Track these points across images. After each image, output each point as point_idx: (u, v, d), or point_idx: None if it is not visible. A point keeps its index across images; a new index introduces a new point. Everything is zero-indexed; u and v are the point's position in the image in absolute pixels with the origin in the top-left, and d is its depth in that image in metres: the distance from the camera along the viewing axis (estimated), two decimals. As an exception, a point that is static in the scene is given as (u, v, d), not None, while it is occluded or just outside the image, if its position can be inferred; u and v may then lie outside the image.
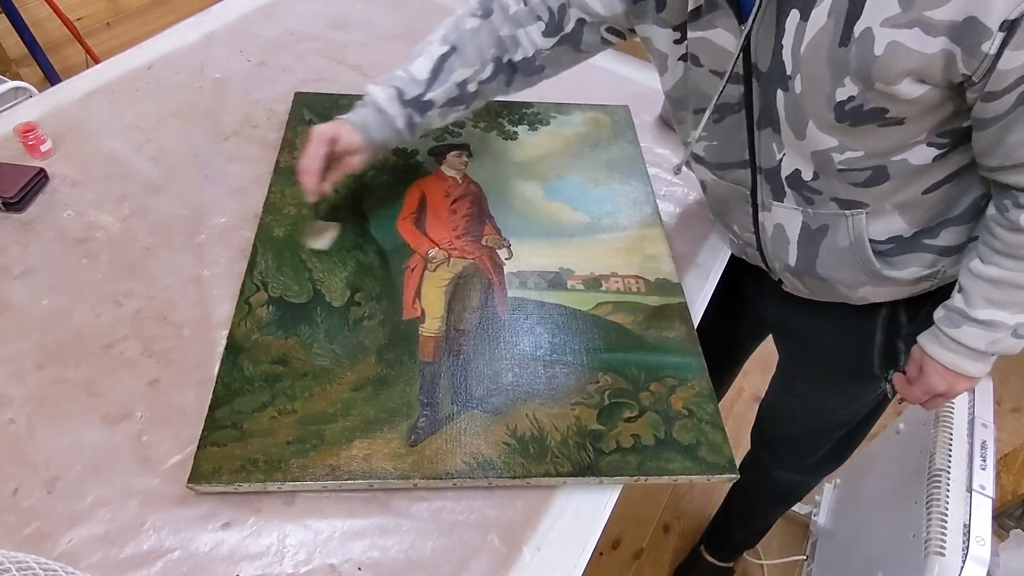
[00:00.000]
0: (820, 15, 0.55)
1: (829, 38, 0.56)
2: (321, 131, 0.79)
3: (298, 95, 1.11)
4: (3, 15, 1.84)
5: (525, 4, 0.80)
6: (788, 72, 0.60)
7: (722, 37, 0.64)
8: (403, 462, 0.68)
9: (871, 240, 0.71)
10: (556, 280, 0.88)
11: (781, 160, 0.68)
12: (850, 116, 0.59)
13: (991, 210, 0.65)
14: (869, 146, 0.62)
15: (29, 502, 0.64)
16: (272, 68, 1.20)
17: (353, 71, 1.23)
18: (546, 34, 0.80)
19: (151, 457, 0.68)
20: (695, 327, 0.85)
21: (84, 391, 0.73)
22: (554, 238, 0.94)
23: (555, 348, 0.80)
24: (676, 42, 0.70)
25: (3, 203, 0.88)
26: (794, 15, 0.57)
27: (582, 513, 0.69)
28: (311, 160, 0.79)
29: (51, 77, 1.99)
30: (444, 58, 0.80)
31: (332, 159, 0.81)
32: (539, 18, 0.80)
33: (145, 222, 0.91)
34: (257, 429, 0.69)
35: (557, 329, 0.82)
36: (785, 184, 0.70)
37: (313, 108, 1.09)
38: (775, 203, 0.73)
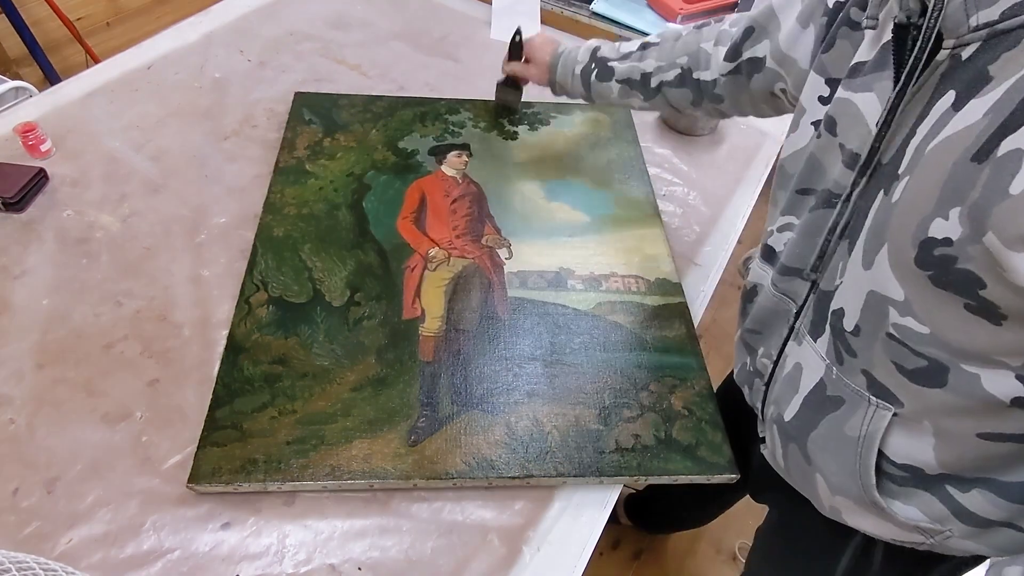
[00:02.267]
0: (976, 109, 0.40)
1: (967, 144, 0.40)
2: (534, 42, 0.99)
3: (298, 95, 1.12)
4: (3, 15, 1.84)
5: (734, 27, 0.75)
6: (900, 170, 0.46)
7: (870, 105, 0.50)
8: (403, 462, 0.68)
9: (883, 454, 0.54)
10: (556, 280, 0.88)
11: (838, 287, 0.54)
12: (935, 265, 0.42)
13: None
14: (940, 327, 0.45)
15: (29, 502, 0.64)
16: (272, 68, 1.20)
17: (353, 71, 1.23)
18: (727, 57, 0.75)
19: (151, 457, 0.68)
20: (695, 327, 0.85)
21: (84, 391, 0.73)
22: (554, 238, 0.94)
23: (555, 348, 0.80)
24: (821, 100, 0.58)
25: (3, 203, 0.88)
26: (948, 98, 0.43)
27: (582, 513, 0.69)
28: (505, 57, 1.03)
29: (51, 77, 1.99)
30: (646, 45, 0.85)
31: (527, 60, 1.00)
32: (732, 39, 0.74)
33: (145, 222, 0.91)
34: (257, 429, 0.69)
35: (557, 329, 0.82)
36: (828, 320, 0.55)
37: (313, 108, 1.09)
38: (808, 338, 0.58)
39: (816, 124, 0.57)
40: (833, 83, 0.56)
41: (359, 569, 0.63)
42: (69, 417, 0.71)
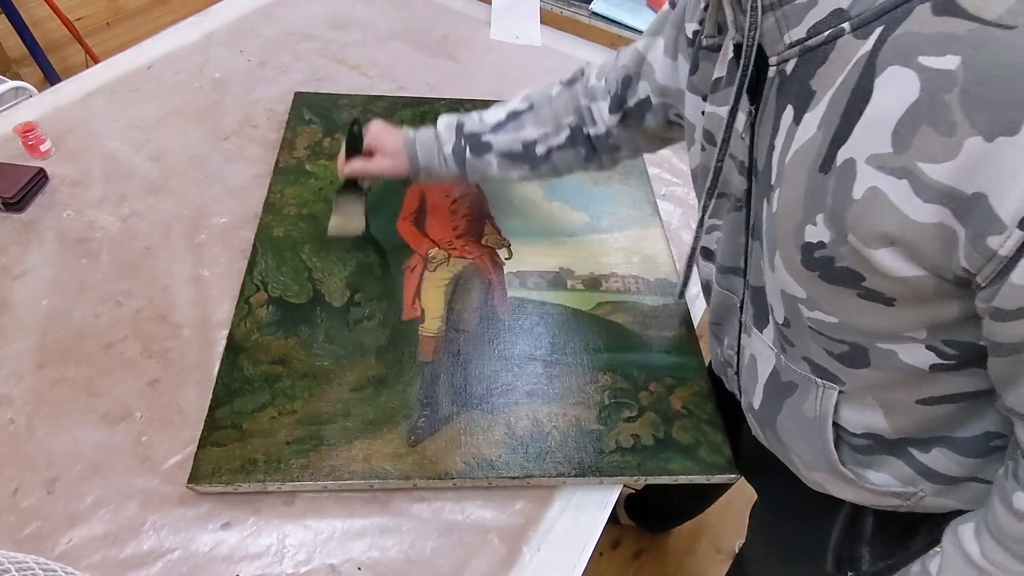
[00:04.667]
0: (811, 123, 0.43)
1: (813, 156, 0.43)
2: (373, 130, 0.84)
3: (298, 95, 1.11)
4: (3, 15, 1.84)
5: (603, 80, 0.76)
6: (772, 180, 0.48)
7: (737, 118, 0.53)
8: (403, 462, 0.68)
9: (842, 427, 0.56)
10: (556, 280, 0.88)
11: (764, 285, 0.56)
12: (819, 266, 0.45)
13: (1000, 468, 0.49)
14: (845, 316, 0.48)
15: (29, 502, 0.64)
16: (272, 68, 1.20)
17: (353, 71, 1.23)
18: (611, 110, 0.75)
19: (151, 457, 0.68)
20: (695, 327, 0.85)
21: (84, 391, 0.73)
22: (554, 238, 0.94)
23: (555, 348, 0.80)
24: (703, 114, 0.60)
25: (3, 203, 0.88)
26: (788, 113, 0.45)
27: (582, 513, 0.69)
28: (341, 156, 0.85)
29: (51, 77, 1.99)
30: (517, 113, 0.80)
31: (369, 154, 0.84)
32: (608, 92, 0.75)
33: (145, 222, 0.91)
34: (257, 429, 0.69)
35: (557, 329, 0.82)
36: (769, 314, 0.57)
37: (313, 108, 1.09)
38: (755, 330, 0.60)
39: (703, 135, 0.61)
40: (706, 99, 0.59)
41: (359, 569, 0.63)
42: (69, 417, 0.71)
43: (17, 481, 0.66)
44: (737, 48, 0.51)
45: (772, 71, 0.46)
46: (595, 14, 1.41)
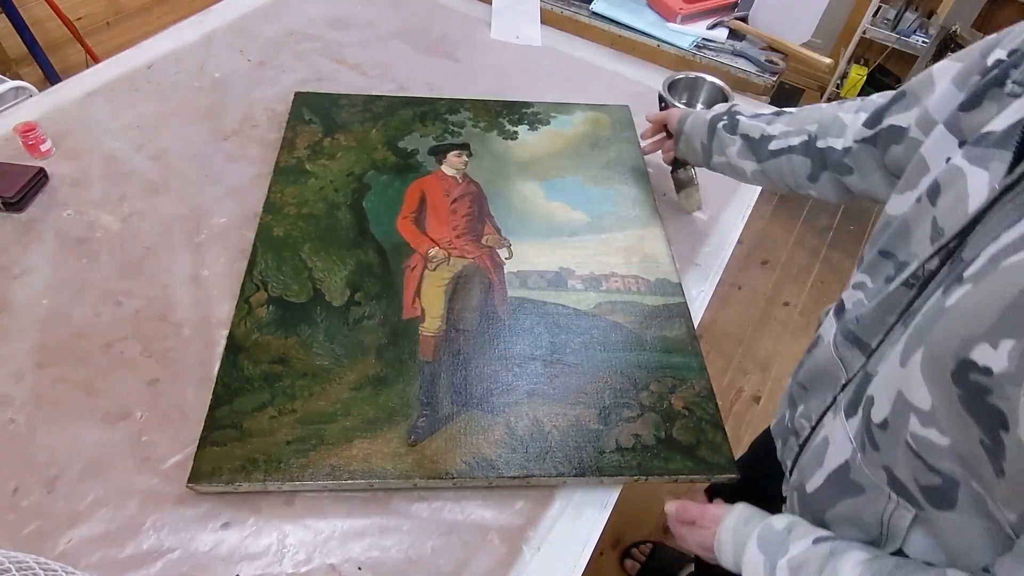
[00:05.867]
0: None
1: None
2: (654, 116, 0.99)
3: (298, 95, 1.12)
4: (3, 15, 1.84)
5: (883, 98, 0.68)
6: (967, 273, 0.41)
7: (979, 183, 0.45)
8: (403, 462, 0.68)
9: (903, 553, 0.49)
10: (556, 280, 0.88)
11: (877, 374, 0.50)
12: (968, 389, 0.38)
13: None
14: (963, 447, 0.40)
15: (29, 502, 0.64)
16: (272, 68, 1.20)
17: (353, 71, 1.22)
18: (867, 123, 0.68)
19: (151, 457, 0.68)
20: (695, 327, 0.85)
21: (84, 391, 0.73)
22: (554, 237, 0.94)
23: (555, 348, 0.80)
24: (947, 161, 0.51)
25: (3, 203, 0.88)
26: None
27: (582, 513, 0.69)
28: (646, 145, 1.04)
29: (51, 77, 1.99)
30: (782, 112, 0.81)
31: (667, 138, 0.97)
32: (874, 104, 0.69)
33: (145, 222, 0.91)
34: (257, 429, 0.69)
35: (557, 329, 0.82)
36: (862, 404, 0.51)
37: (313, 108, 1.09)
38: (842, 414, 0.54)
39: (928, 186, 0.51)
40: (964, 144, 0.50)
41: (359, 569, 0.63)
42: (69, 417, 0.71)
43: (17, 480, 0.66)
44: None
45: None
46: (595, 14, 1.41)
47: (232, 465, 0.66)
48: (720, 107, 0.88)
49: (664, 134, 0.99)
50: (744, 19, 1.41)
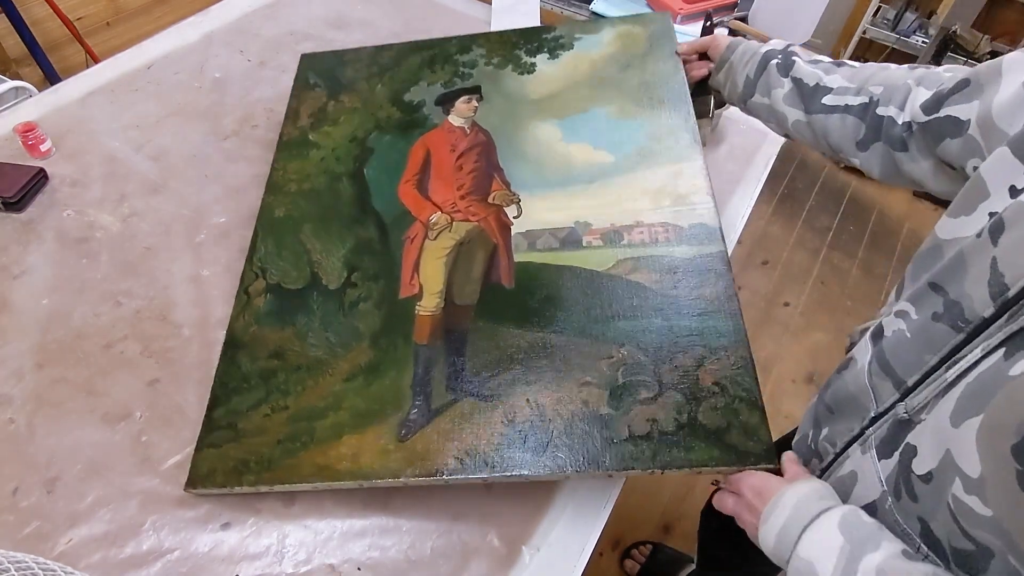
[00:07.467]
0: None
1: None
2: (694, 43, 0.89)
3: (304, 57, 1.08)
4: (3, 15, 1.84)
5: (949, 72, 0.62)
6: None
7: None
8: (392, 459, 0.65)
9: None
10: (570, 237, 0.79)
11: (921, 423, 0.47)
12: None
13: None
14: (1009, 522, 0.38)
15: (29, 502, 0.64)
16: (272, 68, 1.20)
17: (353, 71, 1.22)
18: (925, 106, 0.60)
19: (151, 457, 0.68)
20: (733, 283, 0.72)
21: (84, 391, 0.73)
22: (571, 187, 0.83)
23: (563, 320, 0.72)
24: (1012, 191, 0.46)
25: (3, 203, 0.88)
26: None
27: (582, 513, 0.69)
28: (685, 53, 0.91)
29: (51, 77, 1.99)
30: (842, 64, 0.73)
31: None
32: (940, 85, 0.61)
33: (145, 222, 0.91)
34: (250, 428, 0.68)
35: (567, 298, 0.73)
36: (900, 450, 0.48)
37: (318, 70, 1.05)
38: (873, 452, 0.51)
39: (992, 216, 0.46)
40: None
41: (359, 569, 0.63)
42: (69, 417, 0.70)
43: (17, 481, 0.66)
44: None
45: None
46: (595, 14, 1.41)
47: (226, 468, 0.65)
48: (775, 43, 0.79)
49: (697, 57, 0.90)
50: (744, 19, 1.41)
